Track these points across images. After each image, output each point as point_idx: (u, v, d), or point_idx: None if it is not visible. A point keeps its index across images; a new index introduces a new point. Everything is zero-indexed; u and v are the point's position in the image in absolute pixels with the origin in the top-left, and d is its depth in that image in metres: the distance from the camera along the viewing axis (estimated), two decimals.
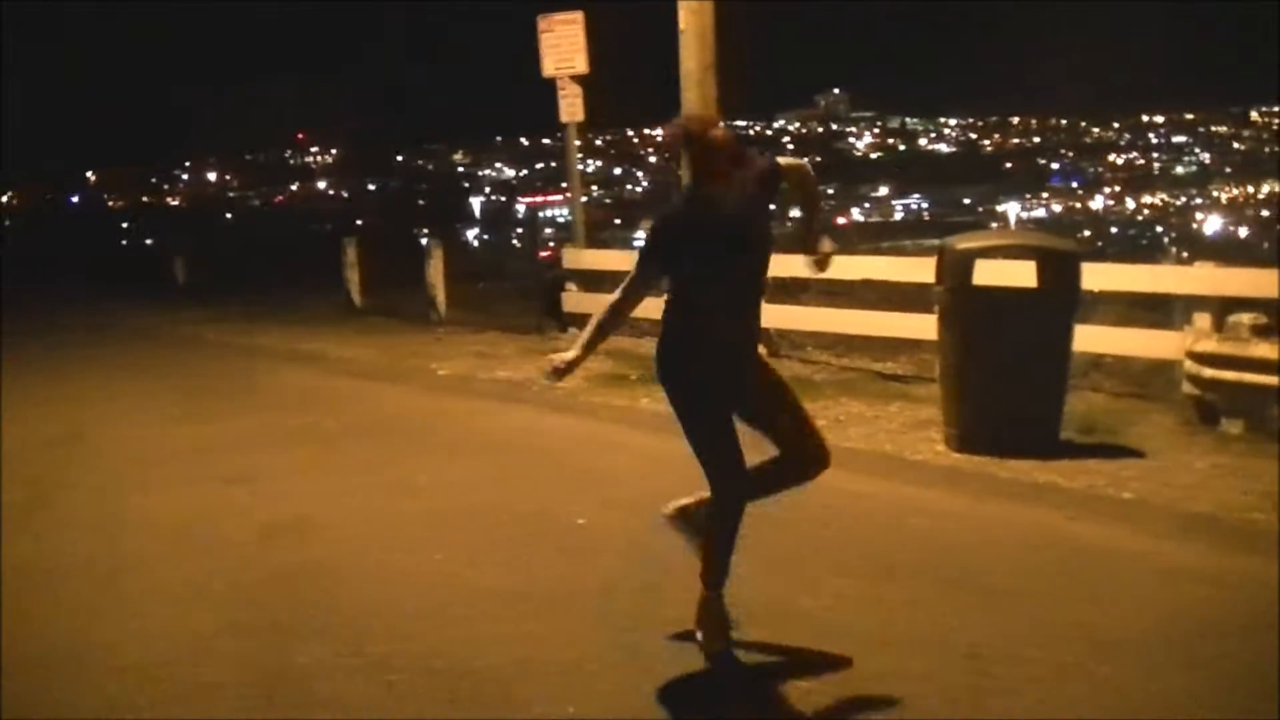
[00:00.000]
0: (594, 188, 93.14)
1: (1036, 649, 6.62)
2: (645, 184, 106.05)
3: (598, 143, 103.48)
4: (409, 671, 6.51)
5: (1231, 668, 6.37)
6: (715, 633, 6.73)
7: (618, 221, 79.14)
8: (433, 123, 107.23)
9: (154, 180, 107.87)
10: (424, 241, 24.58)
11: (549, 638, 6.93)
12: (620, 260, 22.40)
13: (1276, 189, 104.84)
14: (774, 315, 16.73)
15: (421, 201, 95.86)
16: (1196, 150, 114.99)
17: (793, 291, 17.61)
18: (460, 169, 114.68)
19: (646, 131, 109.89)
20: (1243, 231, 78.36)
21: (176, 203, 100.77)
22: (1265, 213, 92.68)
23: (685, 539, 7.14)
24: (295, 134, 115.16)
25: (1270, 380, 11.15)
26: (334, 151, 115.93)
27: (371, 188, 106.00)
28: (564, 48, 19.60)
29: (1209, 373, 11.55)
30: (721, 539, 6.82)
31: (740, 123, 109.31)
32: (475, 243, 60.35)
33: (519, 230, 64.80)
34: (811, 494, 9.55)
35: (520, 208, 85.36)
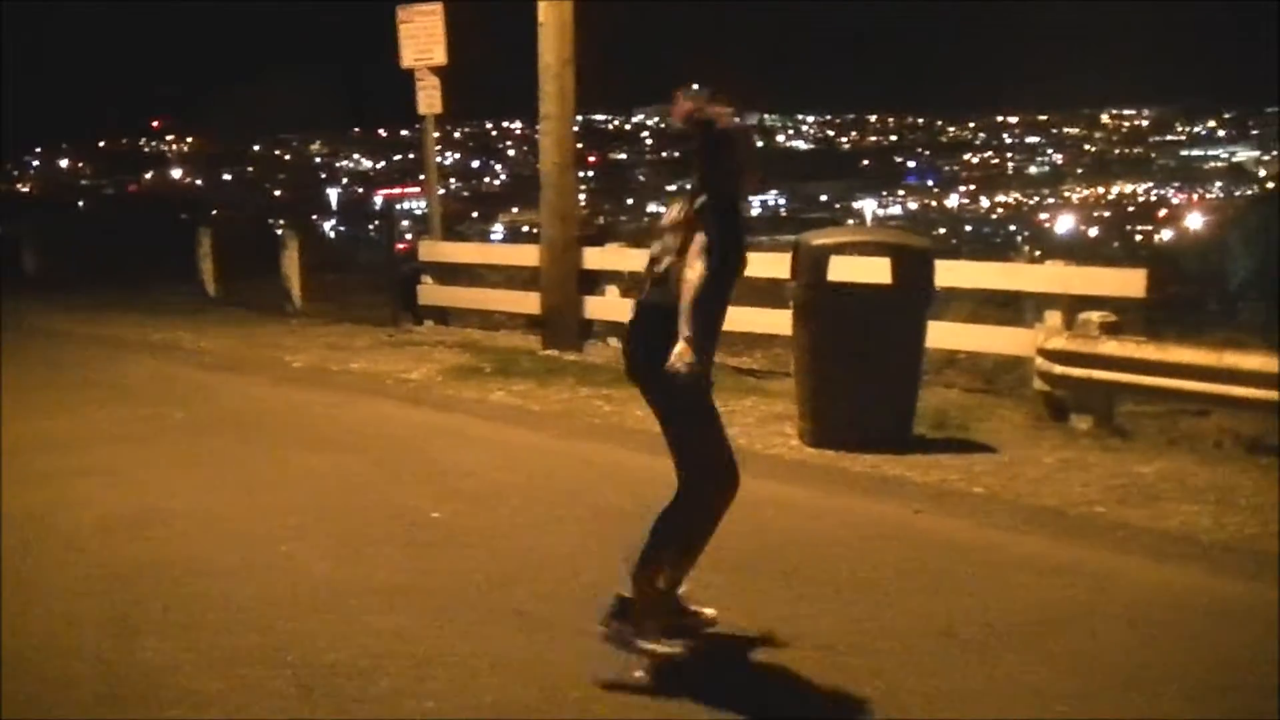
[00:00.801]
0: (451, 180, 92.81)
1: (887, 640, 6.69)
2: (503, 177, 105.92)
3: (456, 135, 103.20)
4: (261, 666, 6.44)
5: (1076, 656, 6.47)
6: (661, 632, 6.52)
7: (475, 214, 78.94)
8: (292, 111, 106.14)
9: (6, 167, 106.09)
10: (280, 232, 24.35)
11: (404, 631, 6.89)
12: (476, 253, 22.42)
13: (1126, 190, 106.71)
14: (628, 309, 16.77)
15: (278, 192, 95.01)
16: (1049, 151, 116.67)
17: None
18: (317, 160, 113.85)
19: (505, 124, 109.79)
20: (1093, 231, 79.58)
21: (27, 190, 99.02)
22: (1109, 213, 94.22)
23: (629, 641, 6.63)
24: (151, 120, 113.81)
25: (1118, 377, 11.32)
26: (190, 140, 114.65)
27: (227, 177, 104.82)
28: (423, 39, 19.52)
29: (1059, 369, 11.71)
30: (700, 531, 6.66)
31: (598, 117, 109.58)
32: (332, 234, 59.82)
33: (376, 222, 64.29)
34: (664, 487, 9.60)
35: (377, 200, 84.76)
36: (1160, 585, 7.61)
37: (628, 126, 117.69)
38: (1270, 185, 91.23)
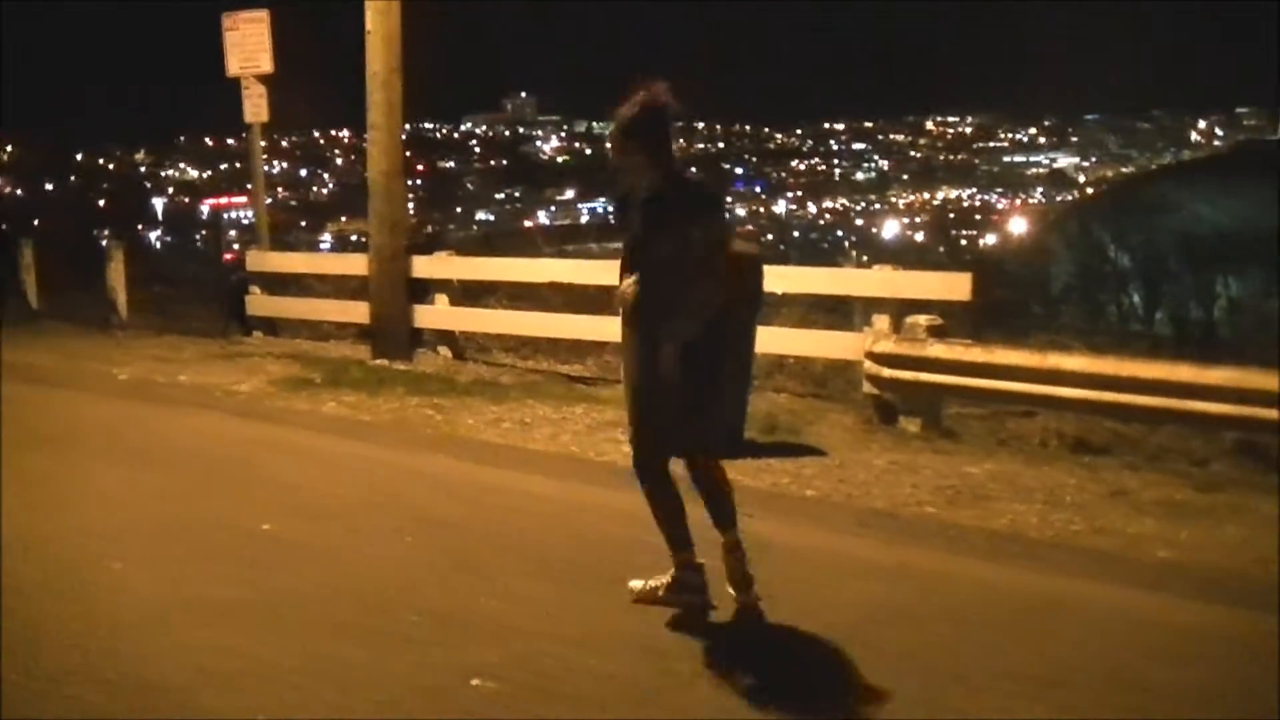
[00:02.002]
0: (279, 189, 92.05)
1: (715, 643, 6.72)
2: (331, 186, 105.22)
3: (283, 144, 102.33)
4: (89, 686, 6.32)
5: (911, 654, 6.56)
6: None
7: (303, 224, 78.39)
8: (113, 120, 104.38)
9: None
10: (105, 243, 23.98)
11: (233, 646, 6.80)
12: (304, 263, 22.23)
13: (951, 195, 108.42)
14: (459, 318, 16.75)
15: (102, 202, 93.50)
16: (875, 157, 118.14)
17: (477, 294, 17.64)
18: (142, 169, 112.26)
19: (333, 133, 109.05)
20: (919, 236, 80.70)
21: None
22: (934, 218, 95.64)
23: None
24: None
25: (945, 380, 11.48)
26: (10, 149, 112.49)
27: (49, 187, 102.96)
28: (249, 46, 19.32)
29: (887, 373, 11.84)
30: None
31: (427, 125, 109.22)
32: (158, 245, 59.06)
33: (203, 233, 63.52)
34: (495, 495, 9.59)
35: (204, 209, 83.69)
36: (990, 583, 7.73)
37: (456, 135, 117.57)
38: (1090, 190, 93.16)
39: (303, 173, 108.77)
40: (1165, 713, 5.98)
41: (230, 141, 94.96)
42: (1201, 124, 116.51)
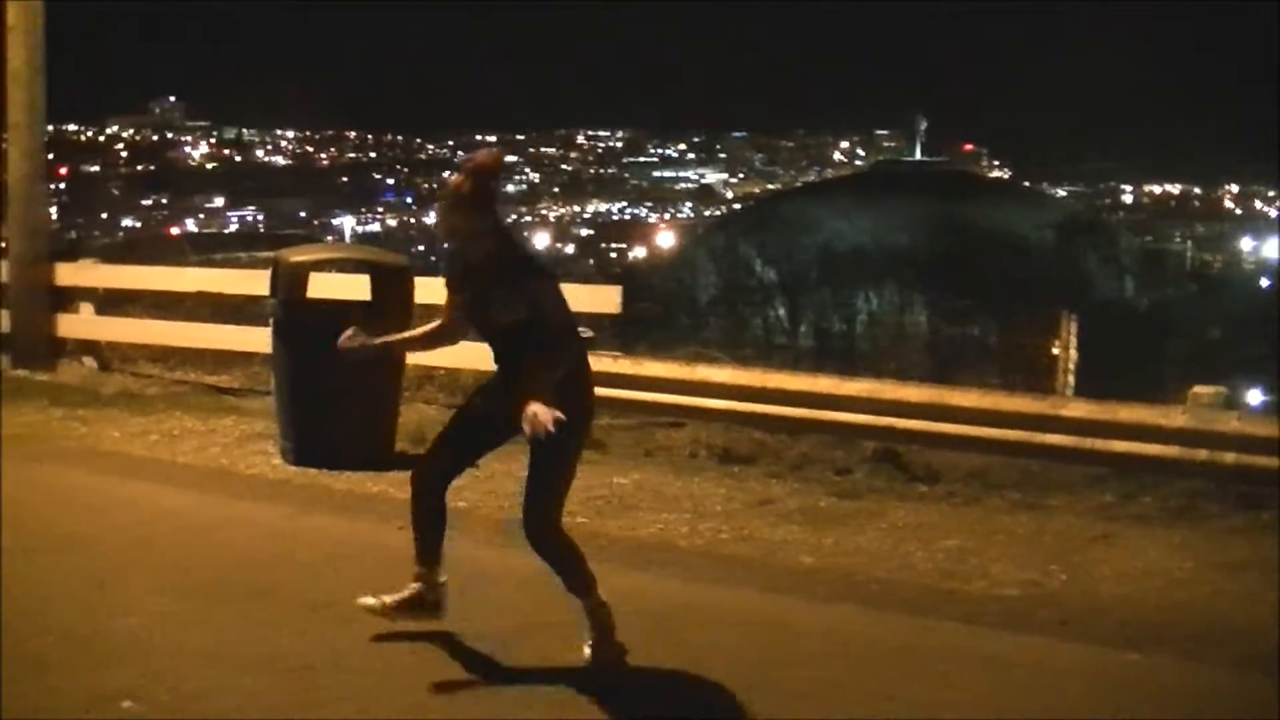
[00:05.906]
0: None
1: (361, 658, 6.66)
2: None
3: None
4: None
5: (553, 660, 6.63)
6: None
7: None
8: None
9: None
10: None
11: None
12: None
13: (601, 208, 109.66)
14: (104, 327, 16.32)
15: None
16: (526, 170, 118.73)
17: (122, 303, 17.24)
18: None
19: None
20: (569, 248, 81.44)
21: None
22: (584, 231, 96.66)
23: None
24: None
25: (595, 392, 11.56)
26: None
27: None
28: None
29: None
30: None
31: (70, 127, 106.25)
32: None
33: None
34: (138, 510, 9.36)
35: None
36: (637, 592, 7.78)
37: (101, 138, 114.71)
38: (737, 206, 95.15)
39: None
40: (796, 711, 6.12)
41: None
42: (844, 144, 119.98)
